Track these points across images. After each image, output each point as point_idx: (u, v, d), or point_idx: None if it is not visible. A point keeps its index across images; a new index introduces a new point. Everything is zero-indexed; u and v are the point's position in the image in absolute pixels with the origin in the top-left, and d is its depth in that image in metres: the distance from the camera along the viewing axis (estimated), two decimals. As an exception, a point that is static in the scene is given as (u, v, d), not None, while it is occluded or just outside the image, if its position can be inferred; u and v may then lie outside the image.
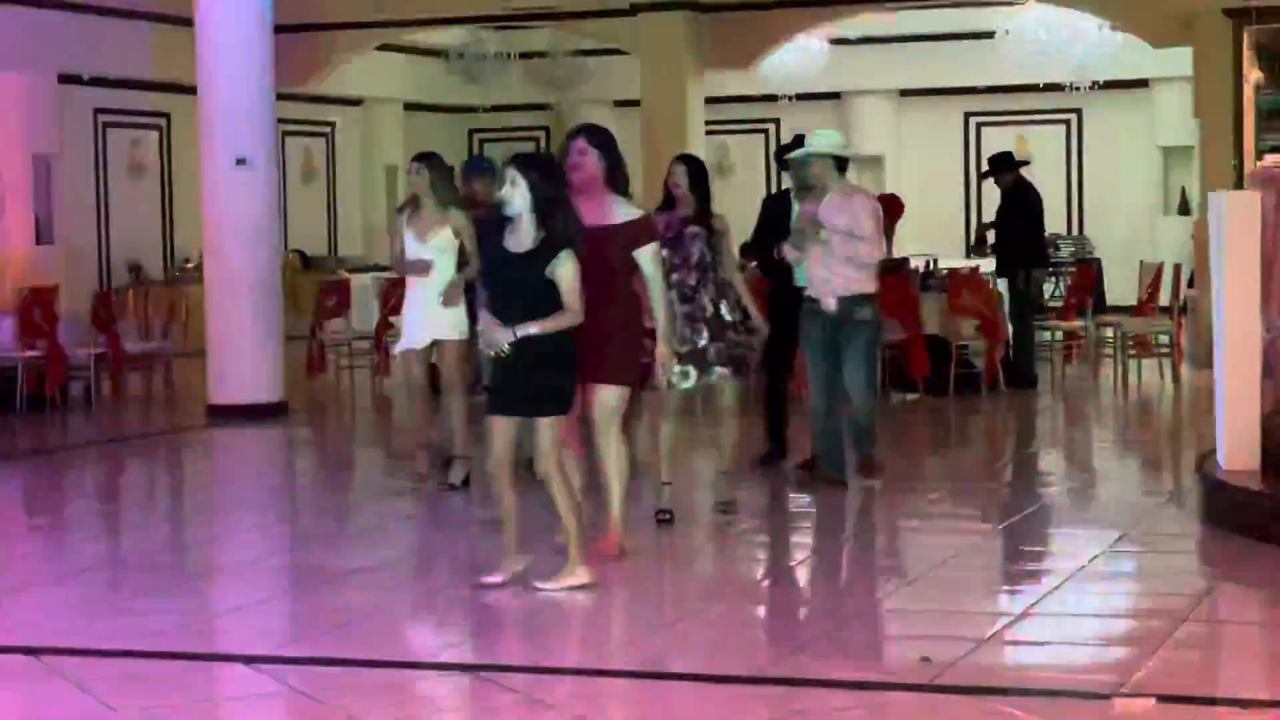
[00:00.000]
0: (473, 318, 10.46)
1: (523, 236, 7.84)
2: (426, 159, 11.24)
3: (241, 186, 15.01)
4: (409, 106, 26.09)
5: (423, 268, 10.83)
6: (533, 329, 7.73)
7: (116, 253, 21.55)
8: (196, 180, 15.64)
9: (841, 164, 10.66)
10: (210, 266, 15.30)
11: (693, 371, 9.55)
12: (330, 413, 16.22)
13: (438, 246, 10.88)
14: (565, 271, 7.76)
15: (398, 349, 11.23)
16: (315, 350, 17.54)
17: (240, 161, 14.98)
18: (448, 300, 10.78)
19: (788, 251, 10.54)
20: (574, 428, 8.46)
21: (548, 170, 7.97)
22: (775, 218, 11.20)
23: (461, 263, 10.84)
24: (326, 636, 7.46)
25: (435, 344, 11.04)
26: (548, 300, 7.77)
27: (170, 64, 19.83)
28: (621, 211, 8.51)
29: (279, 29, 15.67)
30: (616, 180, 8.56)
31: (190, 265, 21.25)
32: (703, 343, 9.58)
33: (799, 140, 11.35)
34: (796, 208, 10.85)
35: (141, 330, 17.82)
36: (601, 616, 7.83)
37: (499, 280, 7.90)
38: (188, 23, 15.45)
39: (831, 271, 10.42)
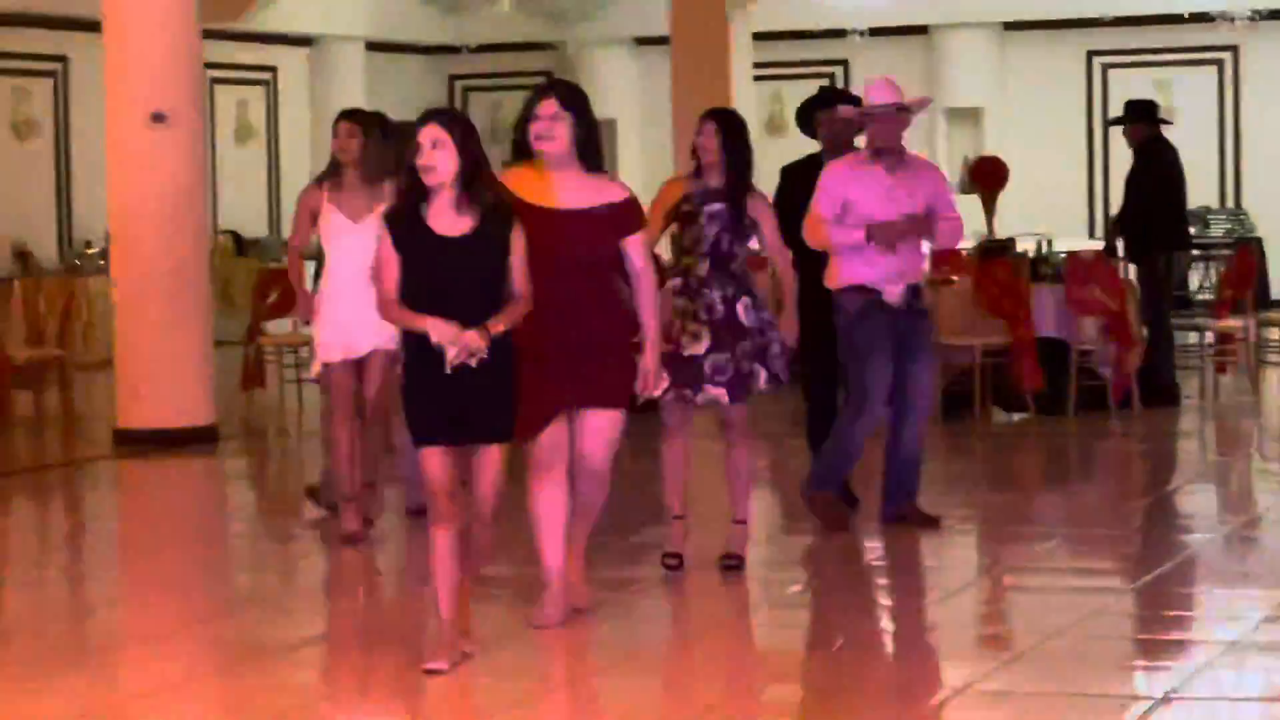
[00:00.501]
0: None
1: (453, 215, 7.91)
2: (359, 117, 11.28)
3: (158, 149, 15.04)
4: (373, 46, 26.15)
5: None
6: (501, 325, 7.84)
7: (-2, 235, 21.65)
8: (101, 142, 15.68)
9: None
10: (119, 252, 15.33)
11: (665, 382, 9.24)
12: (271, 438, 16.24)
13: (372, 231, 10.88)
14: (520, 250, 7.89)
15: (324, 359, 11.13)
16: (253, 358, 17.56)
17: (157, 117, 15.01)
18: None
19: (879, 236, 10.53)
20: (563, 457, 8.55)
21: (472, 128, 8.01)
22: (802, 193, 11.11)
23: None
24: (267, 727, 7.49)
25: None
26: (500, 290, 7.88)
27: (67, -7, 19.90)
28: (604, 191, 8.56)
29: (206, -52, 15.73)
30: (590, 152, 8.55)
31: (92, 250, 21.31)
32: (700, 352, 9.60)
33: (831, 95, 11.40)
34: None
35: (31, 333, 17.86)
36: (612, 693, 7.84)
37: (433, 271, 7.89)
38: (89, -60, 15.52)
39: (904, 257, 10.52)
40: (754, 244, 9.81)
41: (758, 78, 21.71)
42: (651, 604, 9.58)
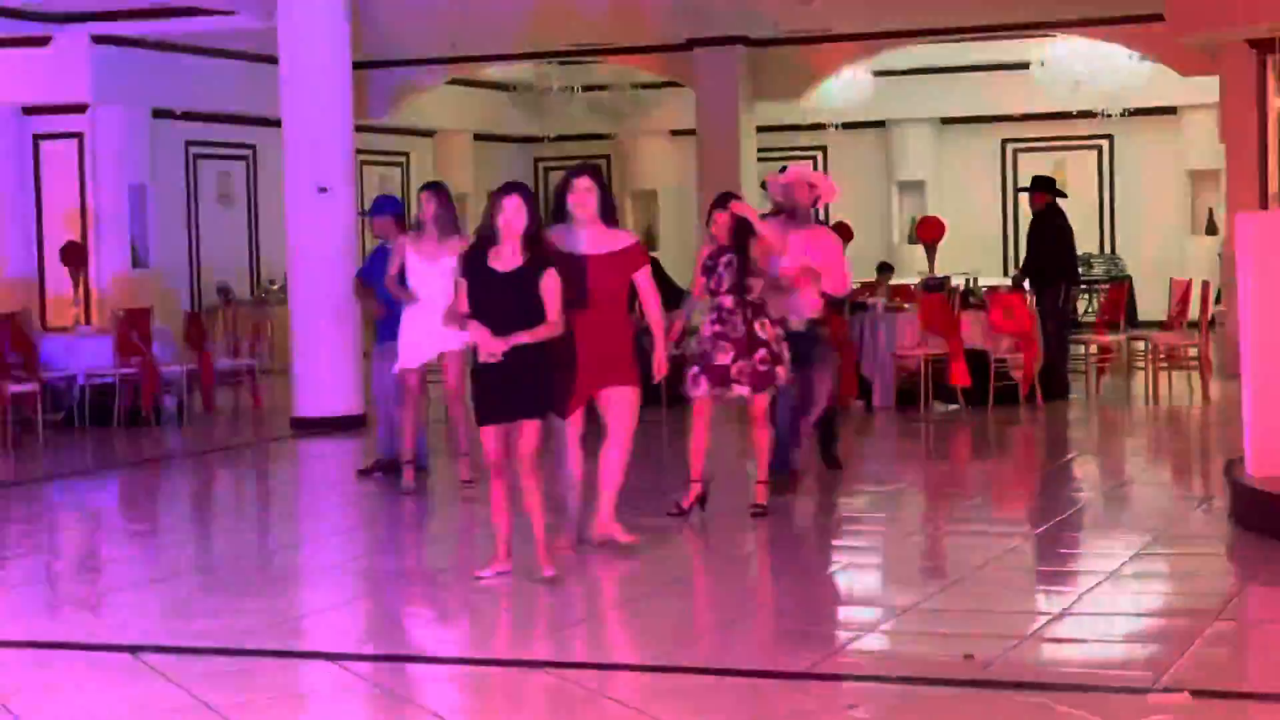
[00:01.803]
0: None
1: (509, 257, 8.14)
2: (435, 187, 11.65)
3: (322, 213, 15.10)
4: (478, 137, 26.16)
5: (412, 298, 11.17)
6: (524, 338, 8.03)
7: (206, 276, 21.69)
8: (281, 207, 15.74)
9: None
10: (294, 288, 15.38)
11: (704, 382, 9.74)
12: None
13: (442, 270, 10.98)
14: (551, 286, 8.10)
15: (399, 367, 11.34)
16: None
17: (322, 190, 15.07)
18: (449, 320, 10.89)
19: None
20: (577, 428, 8.85)
21: (535, 198, 8.32)
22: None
23: None
24: (407, 634, 7.48)
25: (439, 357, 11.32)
26: (534, 313, 8.08)
27: (256, 99, 19.94)
28: (617, 240, 8.96)
29: (357, 65, 15.77)
30: (608, 212, 8.97)
31: (275, 287, 21.37)
32: (727, 361, 9.70)
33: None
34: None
35: (230, 348, 17.94)
36: (642, 613, 7.83)
37: (488, 296, 8.13)
38: (272, 60, 15.55)
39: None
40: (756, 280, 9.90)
41: (761, 159, 21.69)
42: (684, 544, 9.57)
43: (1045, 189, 16.48)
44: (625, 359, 8.89)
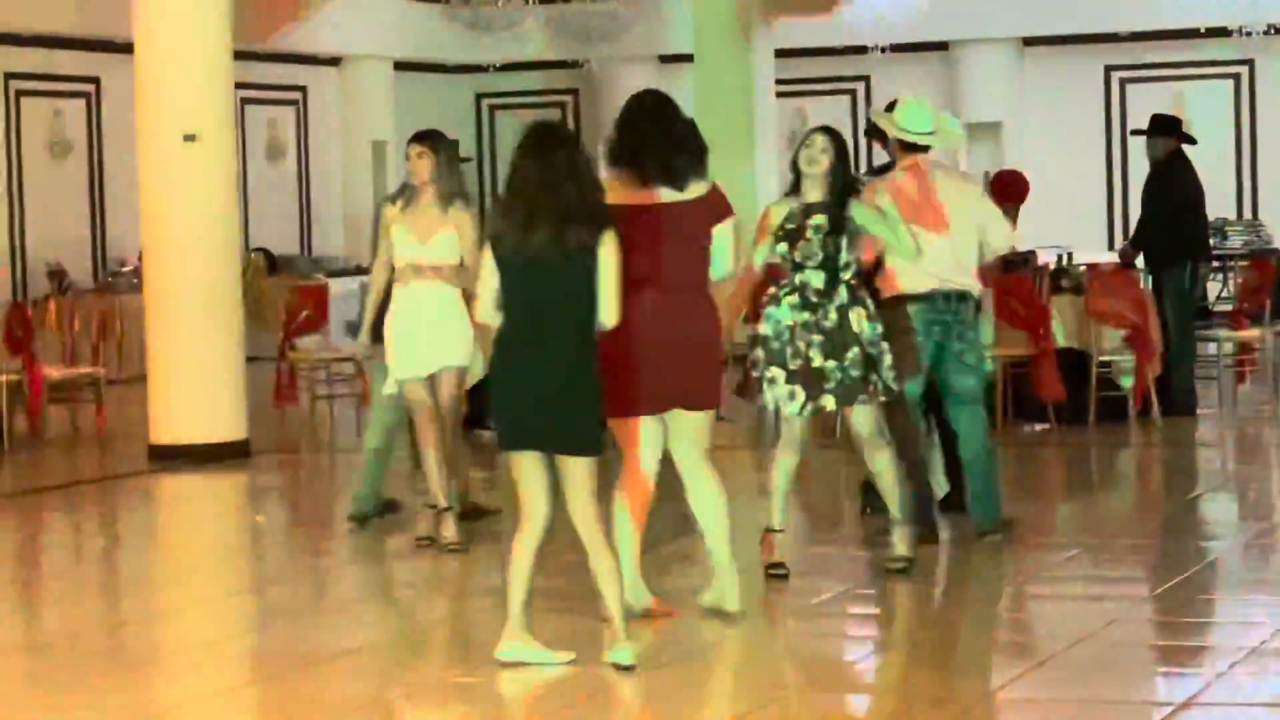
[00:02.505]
0: None
1: None
2: (431, 138, 11.27)
3: (190, 169, 15.08)
4: (400, 66, 26.20)
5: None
6: None
7: (34, 253, 21.68)
8: (134, 161, 15.72)
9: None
10: (151, 271, 15.36)
11: (800, 393, 9.61)
12: (304, 452, 16.26)
13: (442, 250, 10.91)
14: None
15: (398, 378, 11.17)
16: (284, 375, 17.60)
17: (189, 137, 15.05)
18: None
19: None
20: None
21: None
22: None
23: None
24: (301, 738, 7.50)
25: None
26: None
27: (99, 18, 19.96)
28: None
29: (236, -30, 15.77)
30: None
31: (126, 269, 21.35)
32: (817, 361, 9.65)
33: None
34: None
35: (67, 352, 17.91)
36: (640, 700, 7.85)
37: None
38: (121, -35, 15.56)
39: None
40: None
41: (781, 94, 21.72)
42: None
43: (1169, 132, 16.51)
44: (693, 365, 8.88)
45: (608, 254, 8.02)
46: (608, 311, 8.04)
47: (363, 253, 25.28)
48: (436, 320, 10.96)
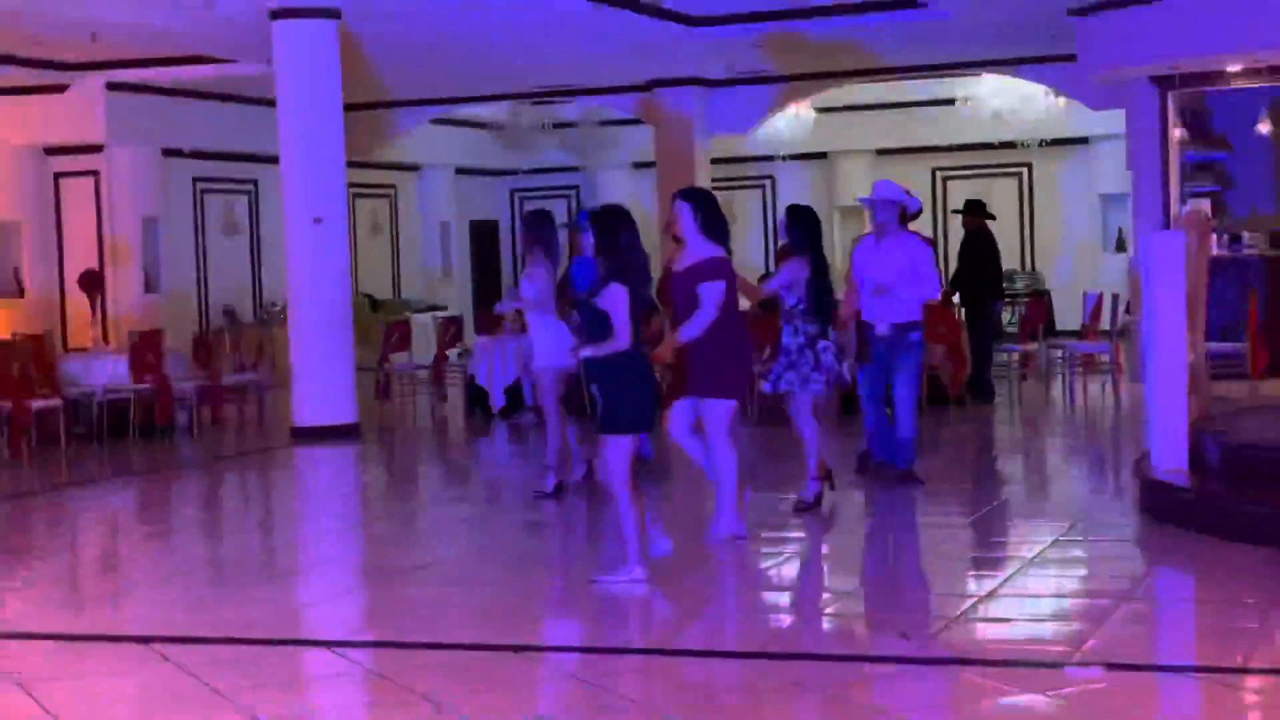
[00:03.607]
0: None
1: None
2: (530, 216, 11.33)
3: (318, 241, 15.06)
4: (459, 171, 26.16)
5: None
6: (585, 352, 7.81)
7: (214, 299, 21.62)
8: (280, 236, 15.69)
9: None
10: (293, 309, 15.34)
11: (793, 378, 9.83)
12: (396, 432, 16.23)
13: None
14: (610, 302, 7.73)
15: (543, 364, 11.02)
16: (382, 380, 17.57)
17: (317, 220, 15.03)
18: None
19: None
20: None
21: (603, 221, 7.89)
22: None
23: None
24: (396, 623, 7.46)
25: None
26: (604, 329, 7.77)
27: (257, 138, 19.92)
28: (699, 254, 8.78)
29: (348, 106, 15.73)
30: (706, 229, 8.79)
31: (276, 309, 21.30)
32: (806, 367, 9.84)
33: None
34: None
35: (235, 365, 17.86)
36: (644, 602, 7.81)
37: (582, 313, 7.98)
38: (271, 103, 15.51)
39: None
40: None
41: (715, 188, 21.70)
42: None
43: (977, 212, 16.54)
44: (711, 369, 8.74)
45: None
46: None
47: (434, 296, 25.28)
48: None
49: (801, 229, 9.98)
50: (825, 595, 7.98)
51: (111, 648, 7.10)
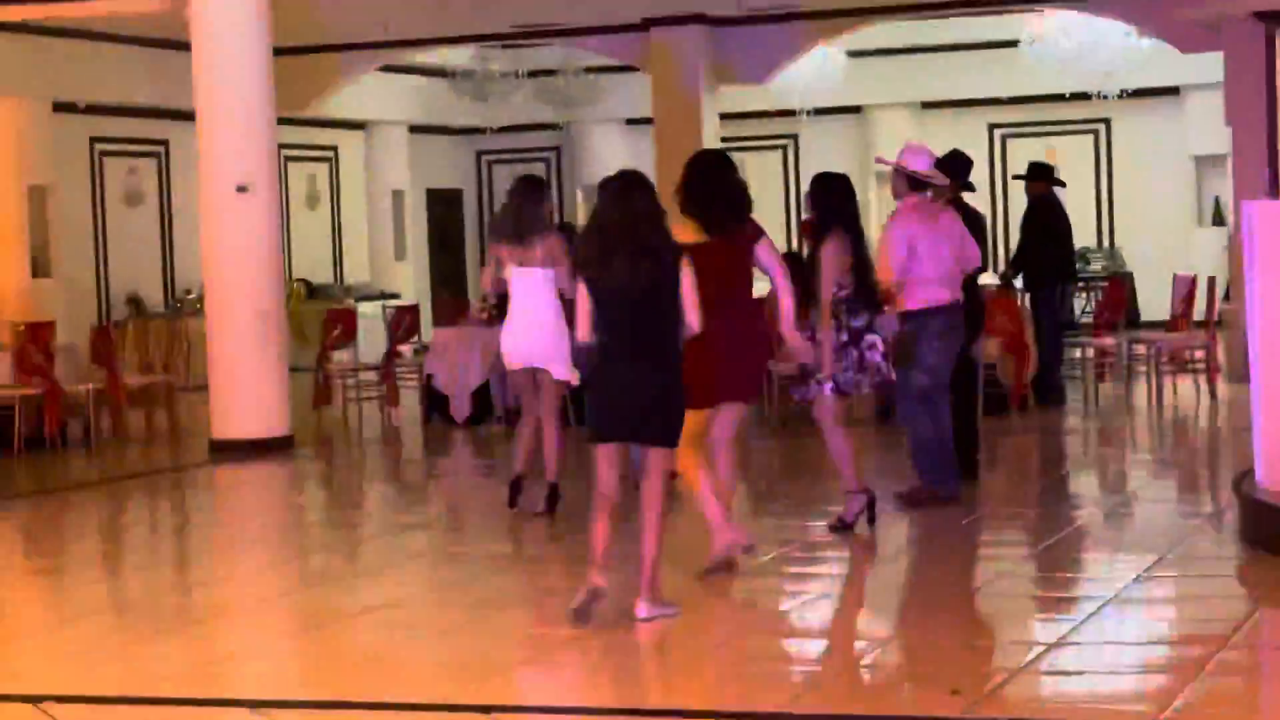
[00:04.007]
0: None
1: None
2: (521, 181, 11.53)
3: (242, 214, 15.06)
4: (414, 129, 26.17)
5: None
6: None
7: (115, 285, 21.62)
8: (196, 209, 15.69)
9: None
10: (212, 297, 15.34)
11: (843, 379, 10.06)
12: (338, 446, 16.23)
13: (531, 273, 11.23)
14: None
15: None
16: (321, 382, 17.57)
17: (241, 188, 15.04)
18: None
19: None
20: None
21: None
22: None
23: None
24: (337, 678, 7.46)
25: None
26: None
27: (168, 90, 19.91)
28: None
29: (278, 51, 15.73)
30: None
31: (191, 296, 21.32)
32: (850, 369, 10.04)
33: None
34: None
35: (142, 365, 17.86)
36: (631, 654, 7.82)
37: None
38: (185, 47, 15.51)
39: None
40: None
41: (725, 149, 21.71)
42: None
43: (1043, 177, 16.55)
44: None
45: (684, 278, 7.96)
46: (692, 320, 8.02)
47: (384, 281, 25.30)
48: None
49: (835, 202, 10.04)
50: (860, 643, 7.98)
51: (-8, 709, 7.10)
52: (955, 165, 12.01)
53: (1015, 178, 18.35)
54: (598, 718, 6.80)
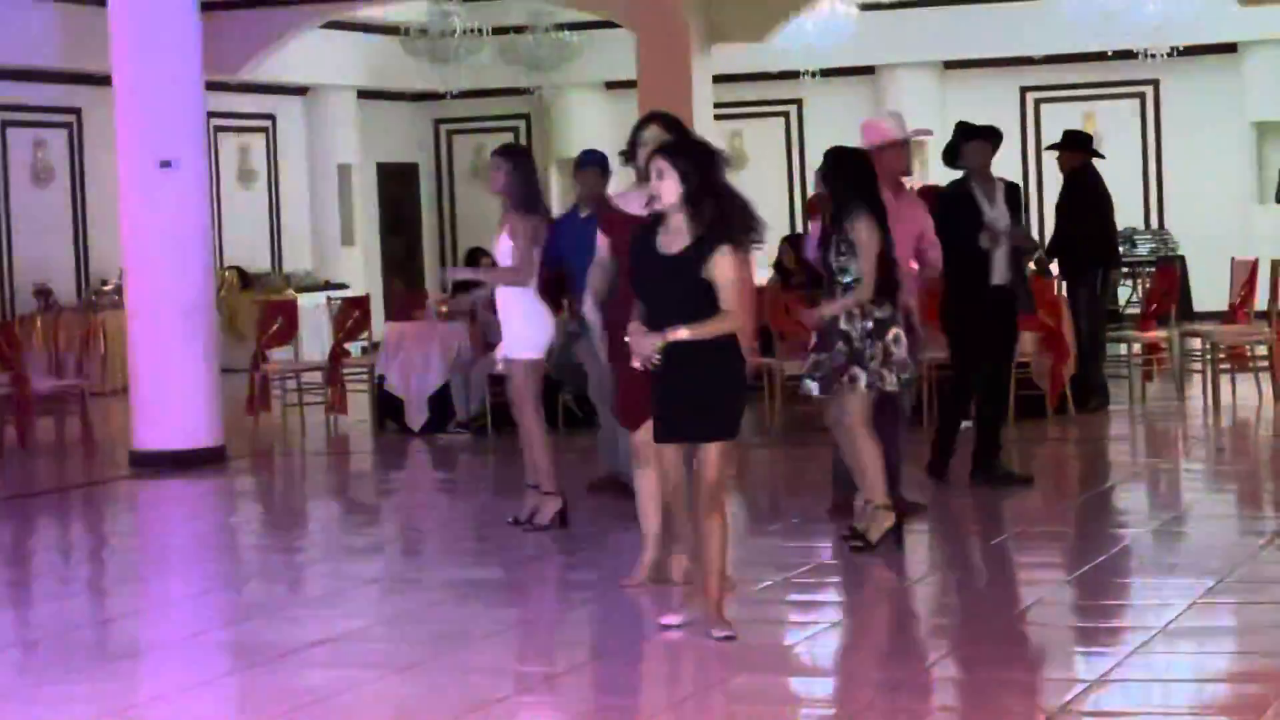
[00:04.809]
0: None
1: (674, 235, 8.07)
2: (502, 152, 11.52)
3: (167, 193, 15.04)
4: (363, 94, 26.17)
5: None
6: (683, 333, 7.97)
7: (21, 274, 21.59)
8: (114, 186, 15.67)
9: None
10: (132, 288, 15.32)
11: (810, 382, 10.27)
12: (276, 459, 16.23)
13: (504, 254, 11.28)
14: (723, 268, 7.95)
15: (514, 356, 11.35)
16: (257, 385, 17.57)
17: (164, 164, 15.01)
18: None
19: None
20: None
21: (701, 157, 8.13)
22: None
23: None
24: (277, 724, 7.48)
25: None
26: (706, 304, 7.98)
27: (80, 52, 19.89)
28: None
29: (206, 6, 15.74)
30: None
31: (108, 287, 21.29)
32: (812, 349, 10.27)
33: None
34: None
35: (52, 365, 17.84)
36: (611, 694, 7.84)
37: (650, 287, 8.13)
38: (100, 2, 15.50)
39: None
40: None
41: (719, 116, 21.73)
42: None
43: (1079, 147, 16.59)
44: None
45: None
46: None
47: (329, 269, 25.29)
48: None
49: (851, 179, 10.14)
50: (878, 677, 7.99)
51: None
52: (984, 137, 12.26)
53: (1049, 148, 18.38)
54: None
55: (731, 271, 7.97)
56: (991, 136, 12.42)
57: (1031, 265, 16.37)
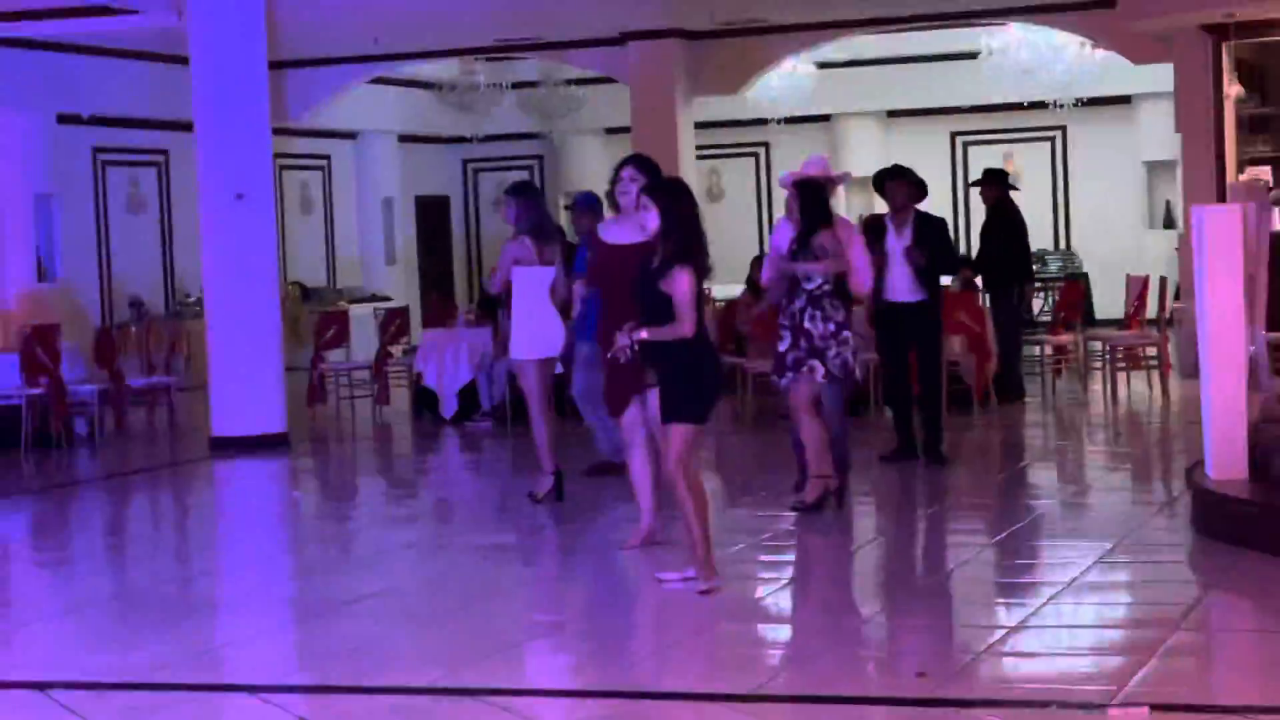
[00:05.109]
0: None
1: (655, 256, 8.34)
2: (511, 189, 11.55)
3: (240, 220, 15.03)
4: (403, 138, 26.14)
5: None
6: (643, 334, 8.21)
7: (118, 289, 21.56)
8: (195, 215, 15.66)
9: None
10: (210, 300, 15.31)
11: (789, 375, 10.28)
12: (332, 443, 16.22)
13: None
14: (677, 285, 8.19)
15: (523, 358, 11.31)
16: (315, 380, 17.55)
17: (239, 196, 15.01)
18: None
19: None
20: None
21: (676, 195, 8.39)
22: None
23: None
24: (332, 664, 7.46)
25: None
26: (667, 313, 8.22)
27: (167, 102, 19.87)
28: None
29: (273, 64, 15.71)
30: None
31: (191, 300, 21.26)
32: (781, 349, 10.25)
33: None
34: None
35: (144, 365, 17.82)
36: (614, 639, 7.83)
37: (640, 295, 8.36)
38: (184, 60, 15.48)
39: None
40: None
41: (699, 157, 21.73)
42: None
43: (997, 182, 16.59)
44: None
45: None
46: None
47: (375, 284, 25.26)
48: None
49: (818, 204, 10.41)
50: (831, 624, 7.99)
51: (1, 695, 7.07)
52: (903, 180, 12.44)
53: (972, 184, 18.38)
54: (583, 699, 6.80)
55: (683, 287, 8.16)
56: (904, 177, 12.43)
57: (958, 283, 16.41)
